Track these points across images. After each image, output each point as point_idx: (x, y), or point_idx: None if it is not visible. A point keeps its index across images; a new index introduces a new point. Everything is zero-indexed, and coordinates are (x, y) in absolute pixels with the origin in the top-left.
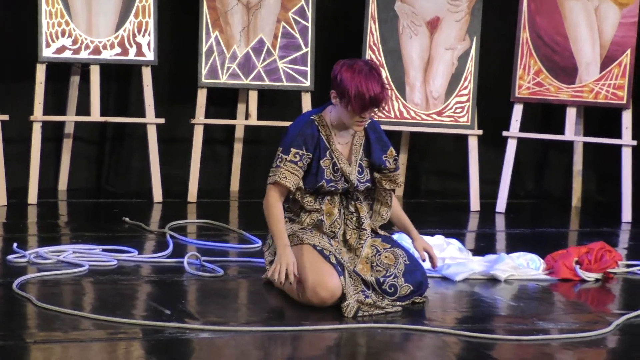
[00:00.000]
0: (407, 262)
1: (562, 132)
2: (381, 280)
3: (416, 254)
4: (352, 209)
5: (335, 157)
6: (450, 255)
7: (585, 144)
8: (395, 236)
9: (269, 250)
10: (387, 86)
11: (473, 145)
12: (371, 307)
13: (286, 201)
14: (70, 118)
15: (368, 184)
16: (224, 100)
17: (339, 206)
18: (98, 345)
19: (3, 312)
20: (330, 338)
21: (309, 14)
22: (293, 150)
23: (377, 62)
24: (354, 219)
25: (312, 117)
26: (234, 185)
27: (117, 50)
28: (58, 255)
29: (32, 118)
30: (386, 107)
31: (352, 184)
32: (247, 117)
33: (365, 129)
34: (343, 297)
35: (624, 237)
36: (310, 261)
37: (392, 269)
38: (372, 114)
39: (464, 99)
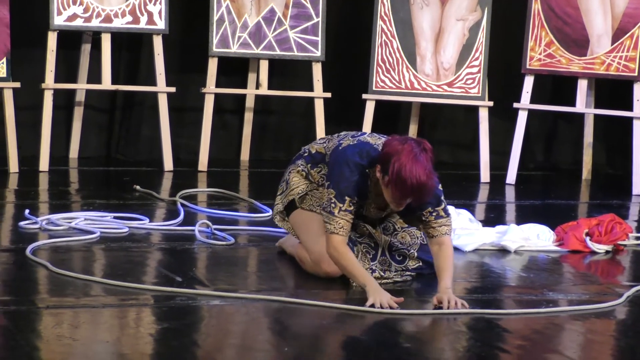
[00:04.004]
0: (424, 242)
1: (572, 104)
2: (393, 247)
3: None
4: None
5: (366, 213)
6: (460, 226)
7: (596, 116)
8: None
9: (279, 212)
10: (434, 174)
11: (483, 116)
12: (377, 279)
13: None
14: (81, 86)
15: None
16: (235, 69)
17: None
18: (109, 311)
19: (15, 277)
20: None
21: None
22: (348, 199)
23: (390, 42)
24: (391, 228)
25: (367, 171)
26: (244, 154)
27: (128, 18)
28: (69, 222)
29: (43, 86)
30: (429, 199)
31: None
32: (257, 86)
33: None
34: None
35: (634, 210)
36: (318, 233)
37: (407, 245)
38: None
39: (475, 70)
